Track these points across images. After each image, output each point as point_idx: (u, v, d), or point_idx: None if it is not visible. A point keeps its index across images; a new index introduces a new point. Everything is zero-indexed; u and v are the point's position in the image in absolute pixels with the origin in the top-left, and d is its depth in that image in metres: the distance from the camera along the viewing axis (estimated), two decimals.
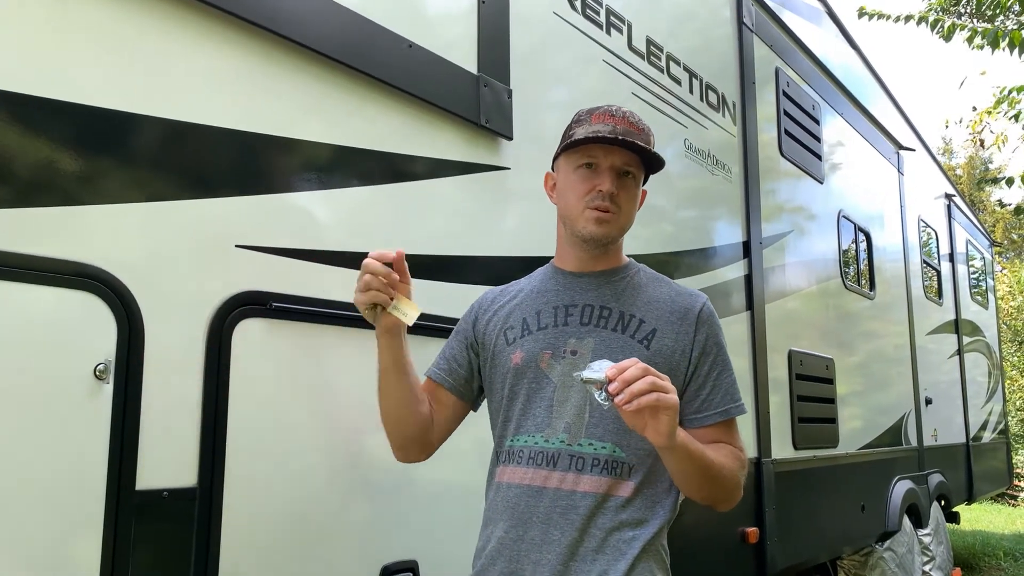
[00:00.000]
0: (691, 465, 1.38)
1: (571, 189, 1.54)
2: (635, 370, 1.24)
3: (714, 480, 1.42)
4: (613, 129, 1.48)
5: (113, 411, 1.37)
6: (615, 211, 1.51)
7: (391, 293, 1.47)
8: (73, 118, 1.38)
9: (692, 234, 3.32)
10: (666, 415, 1.26)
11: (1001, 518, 13.24)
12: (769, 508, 3.53)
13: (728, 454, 1.48)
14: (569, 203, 1.55)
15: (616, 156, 1.49)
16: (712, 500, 1.48)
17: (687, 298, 1.58)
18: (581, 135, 1.50)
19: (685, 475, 1.41)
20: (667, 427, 1.27)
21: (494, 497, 1.53)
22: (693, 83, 3.39)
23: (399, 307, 1.44)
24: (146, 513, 1.40)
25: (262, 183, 1.67)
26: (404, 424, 1.57)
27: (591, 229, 1.52)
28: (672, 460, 1.37)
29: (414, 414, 1.56)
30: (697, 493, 1.45)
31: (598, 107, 1.55)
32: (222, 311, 1.55)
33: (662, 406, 1.24)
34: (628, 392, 1.23)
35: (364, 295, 1.45)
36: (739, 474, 1.49)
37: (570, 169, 1.55)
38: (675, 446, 1.31)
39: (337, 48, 1.82)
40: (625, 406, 1.23)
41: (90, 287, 1.36)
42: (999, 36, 4.64)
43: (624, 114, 1.53)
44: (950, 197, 7.89)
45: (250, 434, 1.58)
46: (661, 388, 1.24)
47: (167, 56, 1.53)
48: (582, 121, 1.54)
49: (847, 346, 4.71)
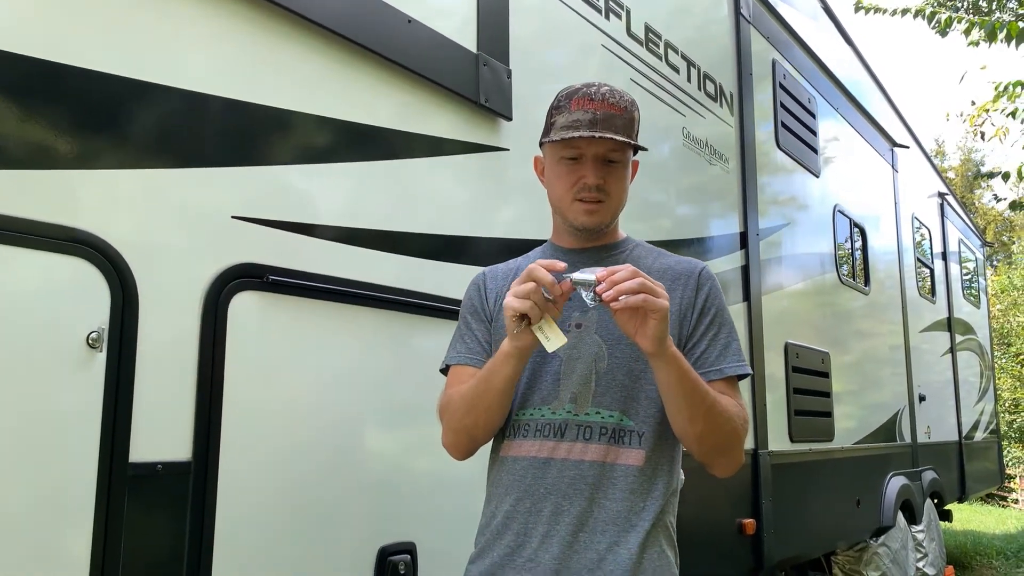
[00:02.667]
0: (682, 385, 1.33)
1: (558, 180, 1.52)
2: (625, 272, 1.26)
3: (708, 414, 1.36)
4: (593, 117, 1.44)
5: (106, 381, 1.33)
6: (604, 199, 1.49)
7: (544, 312, 1.32)
8: (72, 82, 1.35)
9: (690, 224, 3.31)
10: (654, 318, 1.26)
11: (992, 518, 13.29)
12: (766, 500, 3.52)
13: (727, 400, 1.43)
14: (558, 193, 1.53)
15: (599, 145, 1.46)
16: (708, 445, 1.41)
17: (687, 264, 1.57)
18: (562, 124, 1.46)
19: (676, 397, 1.35)
20: (655, 331, 1.26)
21: (499, 472, 1.50)
22: (691, 72, 3.37)
23: (543, 329, 1.31)
24: (140, 487, 1.37)
25: (260, 155, 1.65)
26: (486, 435, 1.51)
27: (582, 220, 1.51)
28: (662, 373, 1.33)
29: (496, 428, 1.50)
30: (691, 426, 1.37)
31: (577, 89, 1.49)
32: (218, 282, 1.52)
33: (650, 308, 1.24)
34: (616, 289, 1.24)
35: (521, 303, 1.29)
36: (737, 423, 1.41)
37: (555, 160, 1.52)
38: (665, 354, 1.30)
39: (337, 21, 1.79)
40: (612, 304, 1.24)
41: (83, 253, 1.32)
42: (996, 28, 4.65)
43: (603, 95, 1.47)
44: (943, 196, 7.91)
45: (246, 408, 1.55)
46: (650, 290, 1.25)
47: (169, 23, 1.50)
48: (562, 108, 1.49)
49: (842, 341, 4.70)
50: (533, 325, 1.31)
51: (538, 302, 1.29)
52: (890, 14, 5.64)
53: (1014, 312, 16.56)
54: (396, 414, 1.92)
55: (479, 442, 1.52)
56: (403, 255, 1.95)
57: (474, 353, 1.56)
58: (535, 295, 1.28)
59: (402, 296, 1.92)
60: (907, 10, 5.44)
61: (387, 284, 1.89)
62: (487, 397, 1.42)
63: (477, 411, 1.45)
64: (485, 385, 1.42)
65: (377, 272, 1.87)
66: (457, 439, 1.51)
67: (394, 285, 1.90)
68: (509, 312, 1.31)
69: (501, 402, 1.44)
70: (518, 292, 1.30)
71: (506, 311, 1.32)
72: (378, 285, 1.86)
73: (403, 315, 1.93)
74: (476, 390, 1.43)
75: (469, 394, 1.45)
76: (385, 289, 1.88)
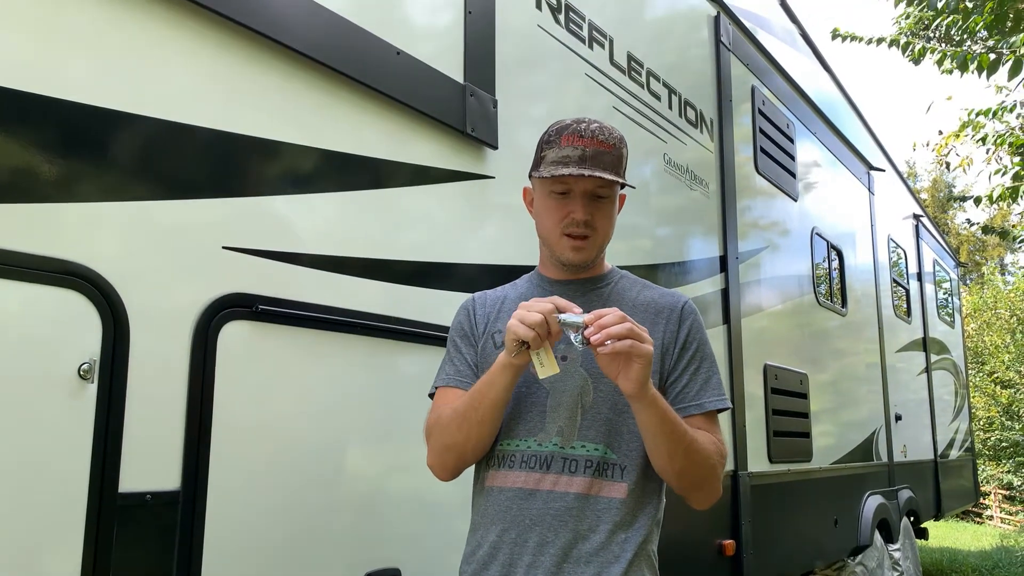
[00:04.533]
0: (662, 426, 1.37)
1: (547, 213, 1.56)
2: (612, 316, 1.30)
3: (687, 452, 1.40)
4: (582, 154, 1.47)
5: (97, 412, 1.35)
6: (591, 234, 1.53)
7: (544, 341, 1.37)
8: (62, 115, 1.36)
9: (670, 247, 3.36)
10: (639, 362, 1.30)
11: (968, 535, 13.43)
12: (745, 521, 3.55)
13: (705, 436, 1.46)
14: (546, 227, 1.57)
15: (587, 181, 1.49)
16: (687, 481, 1.45)
17: (670, 298, 1.61)
18: (552, 160, 1.50)
19: (656, 437, 1.39)
20: (638, 375, 1.30)
21: (484, 502, 1.52)
22: (672, 99, 3.44)
23: (540, 355, 1.36)
24: (129, 516, 1.38)
25: (250, 185, 1.67)
26: (475, 453, 1.52)
27: (569, 256, 1.54)
28: (643, 414, 1.37)
29: (486, 446, 1.52)
30: (670, 465, 1.42)
31: (567, 125, 1.52)
32: (208, 312, 1.54)
33: (635, 353, 1.28)
34: (604, 333, 1.27)
35: (526, 331, 1.33)
36: (715, 460, 1.46)
37: (544, 193, 1.55)
38: (646, 396, 1.34)
39: (327, 53, 1.83)
40: (600, 348, 1.28)
41: (75, 285, 1.34)
42: (968, 59, 4.77)
43: (592, 131, 1.50)
44: (918, 218, 8.06)
45: (235, 438, 1.56)
46: (636, 336, 1.29)
47: (157, 54, 1.53)
48: (552, 143, 1.52)
49: (820, 362, 4.77)
50: (532, 351, 1.36)
51: (543, 333, 1.33)
52: (865, 42, 5.77)
53: (987, 331, 16.83)
54: (383, 441, 1.94)
55: (467, 461, 1.54)
56: (391, 282, 1.98)
57: (463, 376, 1.58)
58: (542, 328, 1.33)
59: (391, 323, 1.94)
60: (882, 39, 5.57)
61: (376, 312, 1.91)
62: (481, 409, 1.44)
63: (470, 424, 1.46)
64: (480, 397, 1.44)
65: (366, 299, 1.89)
66: (445, 458, 1.52)
67: (383, 312, 1.93)
68: (511, 336, 1.35)
69: (494, 416, 1.46)
70: (525, 319, 1.33)
71: (508, 333, 1.36)
72: (367, 313, 1.88)
73: (392, 342, 1.96)
74: (470, 403, 1.45)
75: (462, 408, 1.47)
76: (374, 317, 1.90)
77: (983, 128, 6.06)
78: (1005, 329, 16.06)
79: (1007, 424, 14.69)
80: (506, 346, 1.37)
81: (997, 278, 19.07)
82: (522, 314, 1.35)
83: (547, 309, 1.33)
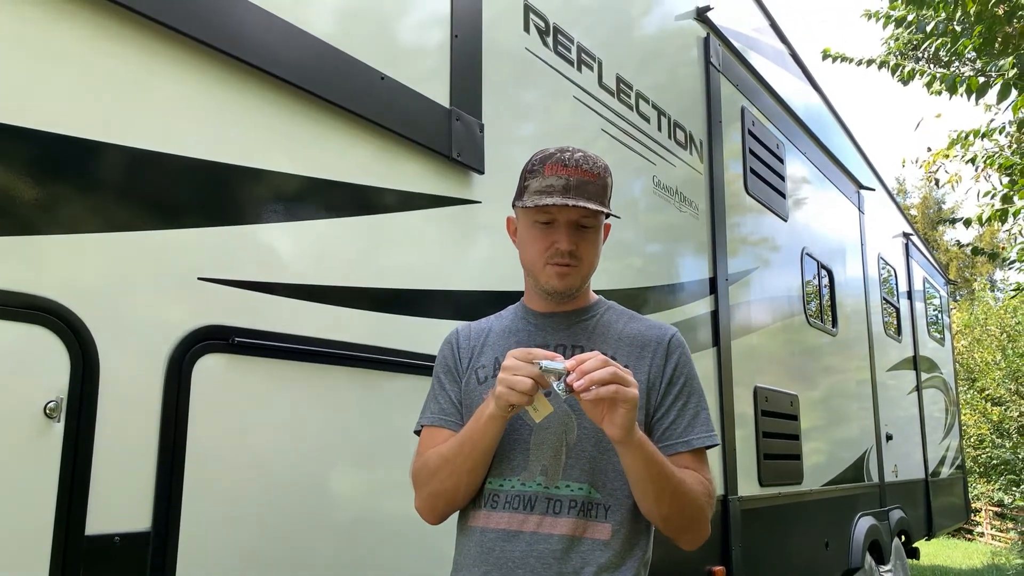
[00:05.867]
0: (648, 469, 1.34)
1: (531, 243, 1.52)
2: (595, 361, 1.26)
3: (674, 496, 1.37)
4: (566, 183, 1.45)
5: (63, 452, 1.30)
6: (576, 264, 1.50)
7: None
8: (31, 144, 1.33)
9: (660, 270, 3.33)
10: (623, 407, 1.26)
11: (959, 552, 13.41)
12: (736, 546, 3.51)
13: (692, 477, 1.43)
14: (530, 256, 1.54)
15: (572, 211, 1.46)
16: (674, 524, 1.42)
17: (657, 331, 1.57)
18: (535, 189, 1.47)
19: (642, 481, 1.36)
20: (623, 419, 1.27)
21: (467, 542, 1.48)
22: (661, 121, 3.42)
23: (534, 402, 1.33)
24: (95, 560, 1.33)
25: (227, 214, 1.63)
26: (465, 498, 1.49)
27: (554, 284, 1.51)
28: (629, 458, 1.34)
29: (475, 490, 1.49)
30: (656, 509, 1.39)
31: (551, 155, 1.49)
32: (182, 346, 1.50)
33: (620, 398, 1.25)
34: (587, 379, 1.24)
35: (519, 397, 1.29)
36: (703, 501, 1.43)
37: (528, 223, 1.52)
38: (631, 441, 1.30)
39: (310, 79, 1.80)
40: (583, 395, 1.24)
41: (42, 320, 1.30)
42: (956, 82, 4.79)
43: (577, 160, 1.47)
44: (908, 236, 8.08)
45: (208, 475, 1.52)
46: (621, 380, 1.25)
47: (131, 83, 1.49)
48: (535, 172, 1.49)
49: (811, 382, 4.75)
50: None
51: (532, 392, 1.30)
52: (855, 63, 5.79)
53: (978, 348, 16.86)
54: (364, 477, 1.89)
55: (456, 505, 1.51)
56: (374, 311, 1.94)
57: (447, 415, 1.55)
58: (533, 390, 1.29)
59: (374, 353, 1.90)
60: (871, 60, 5.59)
61: (358, 341, 1.87)
62: (472, 458, 1.42)
63: (460, 473, 1.43)
64: (470, 447, 1.41)
65: (347, 329, 1.85)
66: (435, 503, 1.49)
67: (365, 342, 1.89)
68: (504, 403, 1.31)
69: (484, 463, 1.44)
70: (515, 386, 1.29)
71: (499, 400, 1.32)
72: (349, 343, 1.84)
73: (375, 372, 1.92)
74: (460, 452, 1.42)
75: (451, 456, 1.43)
76: (356, 347, 1.86)
77: (972, 146, 6.09)
78: (996, 346, 16.10)
79: (997, 442, 14.69)
80: (498, 406, 1.33)
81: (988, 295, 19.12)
82: (510, 380, 1.30)
83: (535, 373, 1.29)
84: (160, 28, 1.53)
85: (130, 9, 1.47)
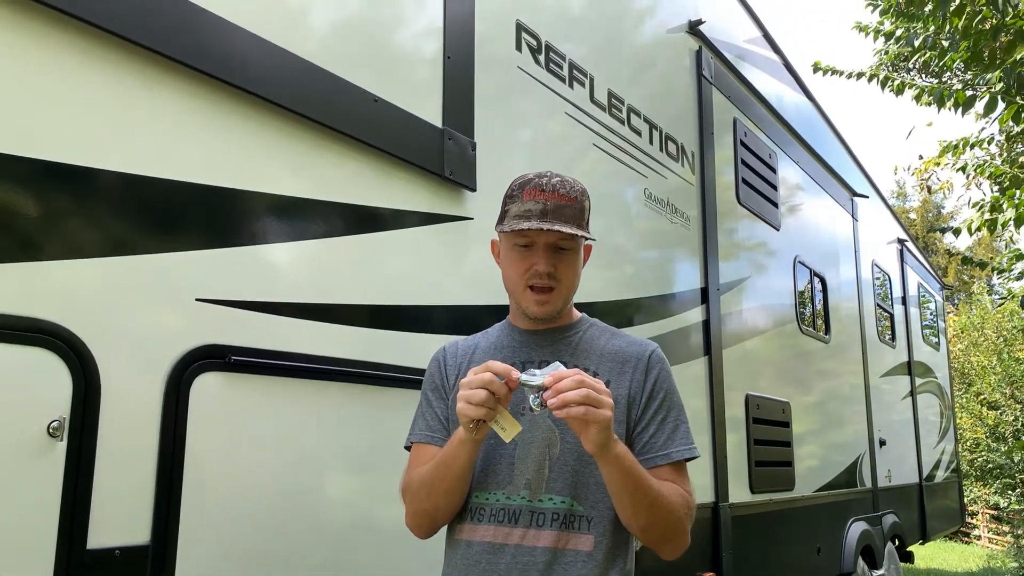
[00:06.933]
0: (625, 483, 1.39)
1: (511, 266, 1.58)
2: (570, 381, 1.30)
3: (652, 508, 1.42)
4: (543, 207, 1.50)
5: (66, 469, 1.35)
6: (555, 286, 1.55)
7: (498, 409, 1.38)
8: (29, 172, 1.38)
9: (652, 280, 3.38)
10: (595, 427, 1.31)
11: (955, 556, 13.44)
12: (726, 553, 3.56)
13: (671, 489, 1.48)
14: (512, 279, 1.59)
15: (549, 235, 1.52)
16: (653, 535, 1.47)
17: (637, 347, 1.63)
18: (514, 214, 1.53)
19: (621, 493, 1.41)
20: (595, 438, 1.32)
21: (454, 555, 1.53)
22: (653, 134, 3.48)
23: (499, 421, 1.37)
24: (97, 573, 1.38)
25: (224, 236, 1.68)
26: (447, 516, 1.55)
27: (533, 310, 1.57)
28: (607, 471, 1.39)
29: (457, 508, 1.54)
30: (635, 520, 1.44)
31: (529, 180, 1.55)
32: (180, 365, 1.55)
33: (591, 419, 1.29)
34: (560, 399, 1.28)
35: (476, 411, 1.33)
36: (682, 513, 1.47)
37: (508, 246, 1.58)
38: (608, 455, 1.35)
39: (304, 103, 1.85)
40: (556, 413, 1.29)
41: (45, 343, 1.35)
42: (944, 95, 4.85)
43: (554, 185, 1.53)
44: (902, 242, 8.13)
45: (206, 490, 1.57)
46: (593, 401, 1.29)
47: (124, 109, 1.54)
48: (515, 197, 1.55)
49: (803, 389, 4.80)
50: (490, 422, 1.36)
51: (492, 407, 1.34)
52: (846, 76, 5.86)
53: (974, 351, 16.91)
54: (360, 491, 1.94)
55: (439, 524, 1.57)
56: (369, 327, 1.99)
57: (434, 431, 1.60)
58: (490, 402, 1.33)
59: (369, 368, 1.95)
60: (862, 73, 5.65)
61: (353, 357, 1.92)
62: (447, 481, 1.47)
63: (437, 495, 1.49)
64: (444, 470, 1.46)
65: (342, 346, 1.90)
66: (419, 521, 1.56)
67: (359, 358, 1.94)
68: (465, 419, 1.35)
69: (460, 486, 1.49)
70: (472, 399, 1.33)
71: (461, 417, 1.36)
72: (344, 359, 1.90)
73: (370, 387, 1.97)
74: (435, 475, 1.47)
75: (428, 478, 1.49)
76: (351, 363, 1.91)
77: (962, 155, 6.14)
78: (992, 350, 16.14)
79: (993, 446, 14.73)
80: (462, 426, 1.38)
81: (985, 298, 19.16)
82: (466, 394, 1.34)
83: (487, 380, 1.33)
84: (156, 57, 1.58)
85: (126, 39, 1.52)
